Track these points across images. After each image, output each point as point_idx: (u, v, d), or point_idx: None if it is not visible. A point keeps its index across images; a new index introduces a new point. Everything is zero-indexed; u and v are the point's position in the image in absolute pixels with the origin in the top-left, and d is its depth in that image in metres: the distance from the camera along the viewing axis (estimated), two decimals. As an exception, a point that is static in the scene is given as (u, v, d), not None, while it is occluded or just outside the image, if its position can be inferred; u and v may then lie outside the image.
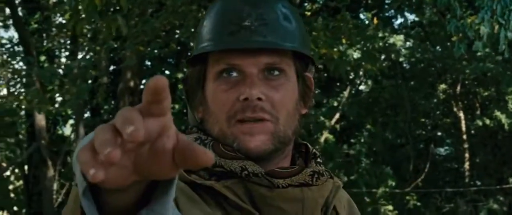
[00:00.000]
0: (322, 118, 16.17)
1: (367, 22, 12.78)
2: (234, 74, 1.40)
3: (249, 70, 1.39)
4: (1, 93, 13.57)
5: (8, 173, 17.09)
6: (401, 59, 16.12)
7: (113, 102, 15.88)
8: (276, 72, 1.41)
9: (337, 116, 16.22)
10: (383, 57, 13.98)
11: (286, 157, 1.47)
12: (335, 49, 9.89)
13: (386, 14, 16.07)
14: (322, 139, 16.34)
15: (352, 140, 17.11)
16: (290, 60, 1.44)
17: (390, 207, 16.37)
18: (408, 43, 16.59)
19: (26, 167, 15.33)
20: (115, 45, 11.66)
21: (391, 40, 14.19)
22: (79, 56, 14.15)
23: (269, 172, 1.37)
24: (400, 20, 18.06)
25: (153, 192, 0.88)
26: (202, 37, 1.46)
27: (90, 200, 0.85)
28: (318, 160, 1.49)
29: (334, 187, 1.47)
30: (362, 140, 16.68)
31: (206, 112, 1.44)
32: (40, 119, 13.00)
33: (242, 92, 1.37)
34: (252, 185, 1.37)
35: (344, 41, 10.32)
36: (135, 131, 0.73)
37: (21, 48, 13.70)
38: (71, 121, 15.75)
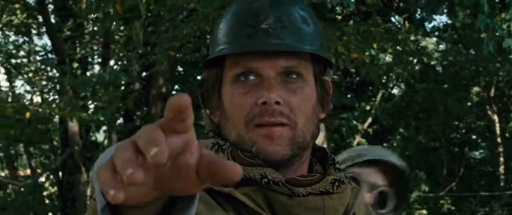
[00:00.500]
0: (354, 122, 16.09)
1: (398, 26, 12.68)
2: (252, 77, 1.38)
3: (266, 73, 1.36)
4: (35, 101, 13.72)
5: (43, 179, 17.26)
6: (433, 63, 15.96)
7: (145, 108, 15.92)
8: (294, 76, 1.39)
9: (369, 120, 16.12)
10: (415, 60, 13.86)
11: (305, 162, 1.45)
12: (366, 54, 9.83)
13: (418, 16, 15.96)
14: (354, 143, 16.25)
15: (384, 144, 16.97)
16: (308, 63, 1.42)
17: (424, 212, 16.22)
18: (440, 46, 16.44)
19: (60, 173, 15.46)
20: (145, 51, 11.72)
21: (423, 43, 14.06)
22: (111, 63, 14.26)
23: (290, 180, 1.35)
24: (432, 23, 17.91)
25: (174, 206, 0.86)
26: (218, 40, 1.44)
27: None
28: (337, 166, 1.47)
29: (353, 193, 1.46)
30: (395, 144, 16.53)
31: (223, 116, 1.42)
32: (73, 125, 13.09)
33: (260, 96, 1.35)
34: (272, 193, 1.35)
35: (375, 45, 10.25)
36: (159, 153, 0.71)
37: (54, 56, 13.81)
38: (104, 127, 15.81)
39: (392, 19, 13.79)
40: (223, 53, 1.41)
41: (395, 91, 18.37)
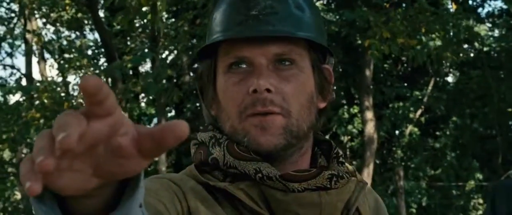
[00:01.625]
0: (406, 111, 15.92)
1: (447, 10, 12.46)
2: (243, 66, 1.33)
3: (257, 61, 1.32)
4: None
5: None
6: (486, 49, 15.67)
7: (197, 103, 16.04)
8: (287, 63, 1.33)
9: (422, 108, 15.93)
10: (466, 46, 13.62)
11: (305, 154, 1.39)
12: (412, 39, 9.68)
13: (472, 2, 15.70)
14: (407, 132, 16.07)
15: (437, 132, 16.74)
16: (303, 50, 1.36)
17: (481, 200, 15.96)
18: (496, 31, 16.14)
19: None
20: (193, 44, 11.76)
21: (476, 30, 13.80)
22: (163, 56, 14.37)
23: (284, 175, 1.30)
24: (486, 8, 17.58)
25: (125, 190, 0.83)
26: (212, 30, 1.40)
27: (53, 207, 0.80)
28: (341, 159, 1.40)
29: (358, 187, 1.39)
30: (448, 133, 16.29)
31: (219, 108, 1.38)
32: (123, 119, 13.20)
33: (251, 84, 1.30)
34: (267, 188, 1.31)
35: (423, 30, 10.08)
36: (65, 137, 0.68)
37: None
38: (155, 120, 15.98)
39: (440, 2, 13.58)
40: (211, 41, 1.37)
41: (449, 79, 18.12)
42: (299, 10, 1.37)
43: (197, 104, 15.66)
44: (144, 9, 13.34)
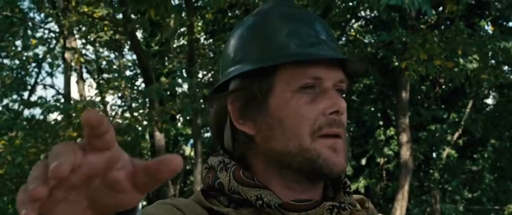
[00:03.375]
0: (444, 133, 15.78)
1: (485, 31, 12.35)
2: (314, 87, 1.33)
3: (327, 84, 1.33)
4: (123, 115, 14.05)
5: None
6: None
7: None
8: (341, 89, 1.37)
9: (460, 131, 15.77)
10: (505, 68, 13.45)
11: (321, 184, 1.40)
12: (449, 60, 9.62)
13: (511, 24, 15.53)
14: (444, 155, 15.91)
15: (475, 155, 16.54)
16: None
17: (519, 225, 15.72)
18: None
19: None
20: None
21: (513, 50, 13.65)
22: (200, 76, 14.43)
23: (284, 204, 1.30)
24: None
25: None
26: (273, 45, 1.36)
27: None
28: (348, 190, 1.40)
29: None
30: (486, 155, 16.09)
31: (271, 127, 1.35)
32: (160, 139, 13.29)
33: (329, 105, 1.31)
34: None
35: (459, 52, 10.01)
36: (57, 166, 0.70)
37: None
38: (191, 141, 16.03)
39: (478, 24, 13.47)
40: (290, 59, 1.34)
41: (488, 101, 17.92)
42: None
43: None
44: (182, 29, 13.51)
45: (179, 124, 17.15)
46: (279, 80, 1.34)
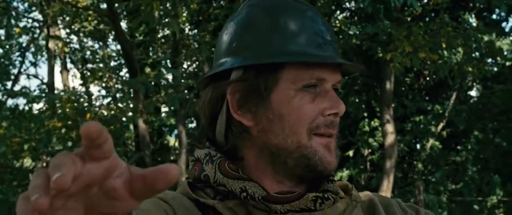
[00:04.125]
0: (428, 125, 15.85)
1: (469, 24, 12.40)
2: (316, 87, 1.35)
3: (328, 85, 1.35)
4: (108, 105, 13.99)
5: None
6: (509, 63, 15.56)
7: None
8: (337, 89, 1.39)
9: (443, 122, 15.84)
10: (489, 60, 13.53)
11: None
12: (434, 53, 9.65)
13: (496, 17, 15.59)
14: (428, 146, 15.98)
15: (458, 147, 16.63)
16: None
17: (502, 216, 15.83)
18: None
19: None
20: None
21: (498, 44, 13.71)
22: (185, 66, 14.41)
23: (267, 197, 1.31)
24: (511, 23, 17.44)
25: None
26: (277, 43, 1.36)
27: None
28: (331, 177, 1.41)
29: (351, 206, 1.42)
30: (469, 147, 16.18)
31: (272, 121, 1.36)
32: (144, 130, 13.27)
33: (329, 106, 1.34)
34: (253, 208, 1.33)
35: (443, 44, 10.05)
36: (60, 177, 0.71)
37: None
38: (176, 131, 16.02)
39: (462, 17, 13.53)
40: (301, 59, 1.35)
41: (472, 93, 18.01)
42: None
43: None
44: (166, 20, 13.46)
45: (163, 114, 17.12)
46: (284, 78, 1.35)
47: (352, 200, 1.42)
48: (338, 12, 14.55)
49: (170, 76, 14.22)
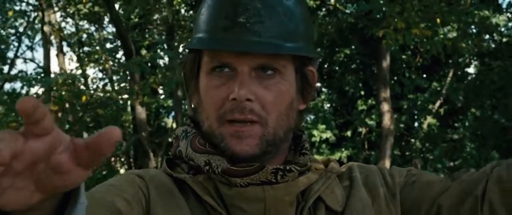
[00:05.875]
0: (425, 103, 15.83)
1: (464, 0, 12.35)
2: (226, 70, 1.33)
3: (241, 68, 1.31)
4: (104, 88, 13.97)
5: (119, 166, 17.60)
6: (505, 39, 15.51)
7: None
8: (270, 72, 1.33)
9: (441, 100, 15.82)
10: (487, 37, 13.47)
11: (281, 155, 1.40)
12: (428, 29, 9.60)
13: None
14: (425, 124, 15.97)
15: (456, 124, 16.62)
16: (287, 58, 1.36)
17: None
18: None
19: (131, 160, 15.73)
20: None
21: (494, 20, 13.65)
22: (180, 49, 14.36)
23: (226, 170, 1.31)
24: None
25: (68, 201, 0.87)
26: (198, 26, 1.38)
27: None
28: (304, 151, 1.41)
29: (324, 177, 1.40)
30: (467, 124, 16.17)
31: (199, 103, 1.38)
32: (140, 112, 13.26)
33: (232, 91, 1.31)
34: (218, 182, 1.33)
35: (438, 21, 9.99)
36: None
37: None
38: (173, 113, 16.02)
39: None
40: (198, 47, 1.37)
41: (470, 70, 17.97)
42: (287, 17, 1.35)
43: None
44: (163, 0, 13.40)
45: (162, 97, 17.11)
46: (203, 61, 1.37)
47: (327, 171, 1.41)
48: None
49: (166, 59, 14.21)
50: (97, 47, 16.16)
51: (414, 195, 1.41)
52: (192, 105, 1.43)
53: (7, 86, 16.03)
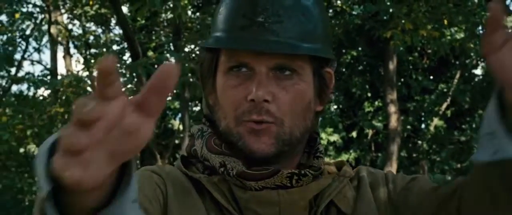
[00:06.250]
0: (432, 104, 15.80)
1: (471, 1, 12.33)
2: (244, 69, 1.33)
3: (258, 68, 1.32)
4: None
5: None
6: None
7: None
8: (287, 72, 1.33)
9: (448, 101, 15.79)
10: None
11: (295, 157, 1.40)
12: (435, 30, 9.59)
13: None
14: (432, 126, 15.94)
15: (463, 126, 16.58)
16: (305, 59, 1.35)
17: (507, 194, 15.76)
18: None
19: (138, 162, 15.70)
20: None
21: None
22: (187, 50, 14.36)
23: (241, 174, 1.31)
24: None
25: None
26: (216, 25, 1.38)
27: (52, 205, 0.82)
28: (318, 154, 1.41)
29: (337, 182, 1.39)
30: (474, 126, 16.12)
31: (216, 102, 1.39)
32: (147, 113, 13.24)
33: (249, 92, 1.31)
34: (232, 184, 1.33)
35: (445, 22, 9.98)
36: (88, 110, 0.72)
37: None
38: (180, 115, 16.01)
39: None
40: (214, 45, 1.37)
41: (477, 71, 17.94)
42: (305, 18, 1.34)
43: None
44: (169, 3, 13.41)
45: (168, 98, 17.12)
46: (220, 60, 1.36)
47: (340, 175, 1.41)
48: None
49: (173, 60, 14.22)
50: (104, 49, 16.17)
51: (411, 201, 1.39)
52: (211, 103, 1.42)
53: (14, 88, 16.05)
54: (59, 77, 13.83)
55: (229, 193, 1.32)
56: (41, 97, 13.13)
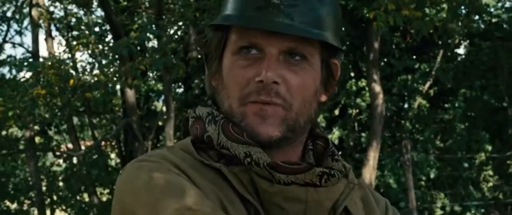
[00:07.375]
0: (415, 84, 15.83)
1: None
2: (254, 51, 1.32)
3: (269, 50, 1.30)
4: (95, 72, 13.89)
5: (109, 150, 17.58)
6: (495, 20, 15.50)
7: (203, 76, 15.98)
8: (298, 57, 1.32)
9: (431, 80, 15.82)
10: (476, 17, 13.45)
11: (298, 147, 1.39)
12: (418, 10, 9.56)
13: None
14: (415, 105, 15.98)
15: (446, 105, 16.63)
16: (315, 46, 1.34)
17: (491, 172, 15.86)
18: (507, 3, 15.96)
19: (122, 143, 15.70)
20: (196, 18, 11.68)
21: (484, 1, 13.63)
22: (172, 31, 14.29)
23: (272, 164, 1.28)
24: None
25: None
26: (227, 4, 1.36)
27: None
28: (336, 157, 1.39)
29: (348, 188, 1.38)
30: (457, 105, 16.18)
31: (220, 82, 1.37)
32: (130, 95, 13.21)
33: (259, 73, 1.29)
34: (256, 176, 1.29)
35: (427, 1, 9.98)
36: None
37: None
38: (163, 97, 15.97)
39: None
40: (228, 22, 1.34)
41: (460, 51, 17.98)
42: (320, 4, 1.33)
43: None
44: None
45: (152, 81, 17.04)
46: (230, 40, 1.34)
47: (349, 182, 1.39)
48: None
49: (155, 42, 14.18)
50: (86, 31, 16.05)
51: None
52: (214, 84, 1.39)
53: (-4, 71, 15.92)
54: (41, 59, 13.72)
55: (249, 184, 1.29)
56: (22, 80, 13.02)
